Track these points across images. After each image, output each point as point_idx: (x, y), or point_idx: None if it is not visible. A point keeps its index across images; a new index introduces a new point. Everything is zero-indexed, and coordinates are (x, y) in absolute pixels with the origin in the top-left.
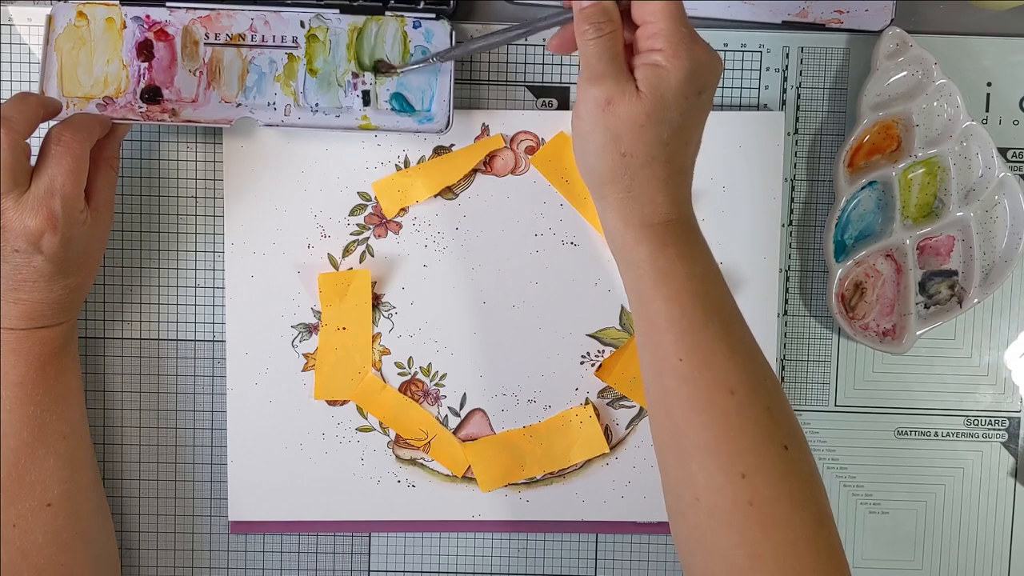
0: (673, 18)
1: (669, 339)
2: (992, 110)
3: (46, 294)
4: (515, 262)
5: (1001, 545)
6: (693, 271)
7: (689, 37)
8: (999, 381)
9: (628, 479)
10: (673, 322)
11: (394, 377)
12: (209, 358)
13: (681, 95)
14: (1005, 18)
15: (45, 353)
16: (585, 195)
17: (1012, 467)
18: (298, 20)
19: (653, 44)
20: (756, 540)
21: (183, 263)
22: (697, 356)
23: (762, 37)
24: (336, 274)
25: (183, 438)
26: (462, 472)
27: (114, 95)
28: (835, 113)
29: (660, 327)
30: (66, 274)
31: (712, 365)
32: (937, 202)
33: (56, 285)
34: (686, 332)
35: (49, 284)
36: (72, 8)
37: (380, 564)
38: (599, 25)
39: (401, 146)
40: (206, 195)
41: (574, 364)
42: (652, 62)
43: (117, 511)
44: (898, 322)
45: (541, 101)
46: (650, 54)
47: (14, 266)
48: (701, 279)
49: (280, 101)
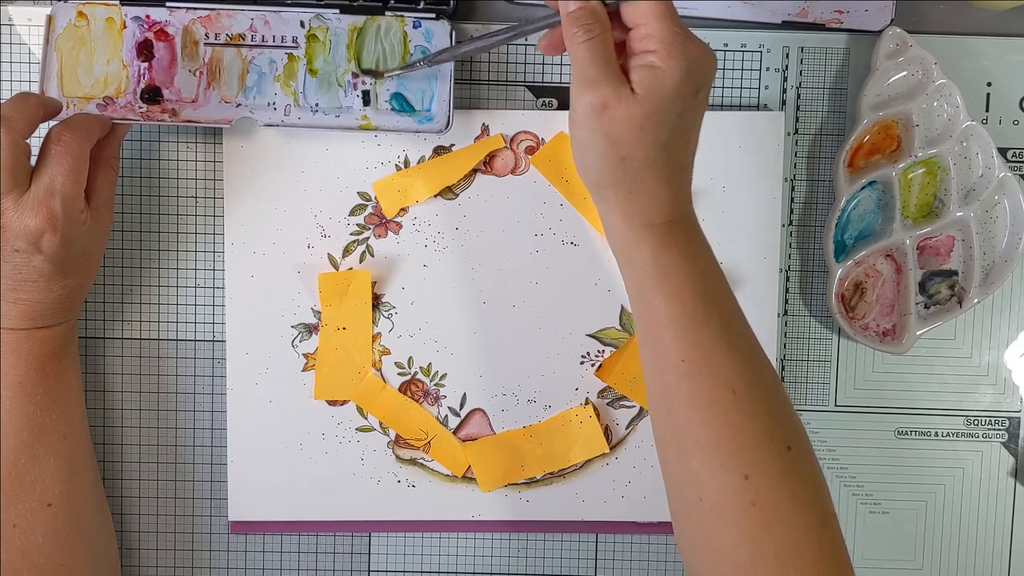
0: (666, 18)
1: (670, 336)
2: (992, 110)
3: (46, 294)
4: (515, 262)
5: (1001, 545)
6: (694, 269)
7: (683, 36)
8: (999, 381)
9: (628, 479)
10: (674, 319)
11: (394, 377)
12: (209, 358)
13: (678, 96)
14: (1005, 18)
15: (45, 353)
16: (585, 195)
17: (1012, 467)
18: (298, 20)
19: (647, 45)
20: (759, 539)
21: (183, 263)
22: (698, 354)
23: (762, 37)
24: (336, 274)
25: (183, 438)
26: (462, 472)
27: (114, 95)
28: (835, 113)
29: (661, 324)
30: (66, 274)
31: (712, 362)
32: (937, 202)
33: (56, 285)
34: (687, 329)
35: (49, 284)
36: (72, 8)
37: (380, 564)
38: (588, 27)
39: (401, 146)
40: (206, 195)
41: (574, 364)
42: (647, 63)
43: (117, 511)
44: (898, 322)
45: (541, 101)
46: (645, 55)
47: (14, 266)
48: (702, 277)
49: (280, 101)
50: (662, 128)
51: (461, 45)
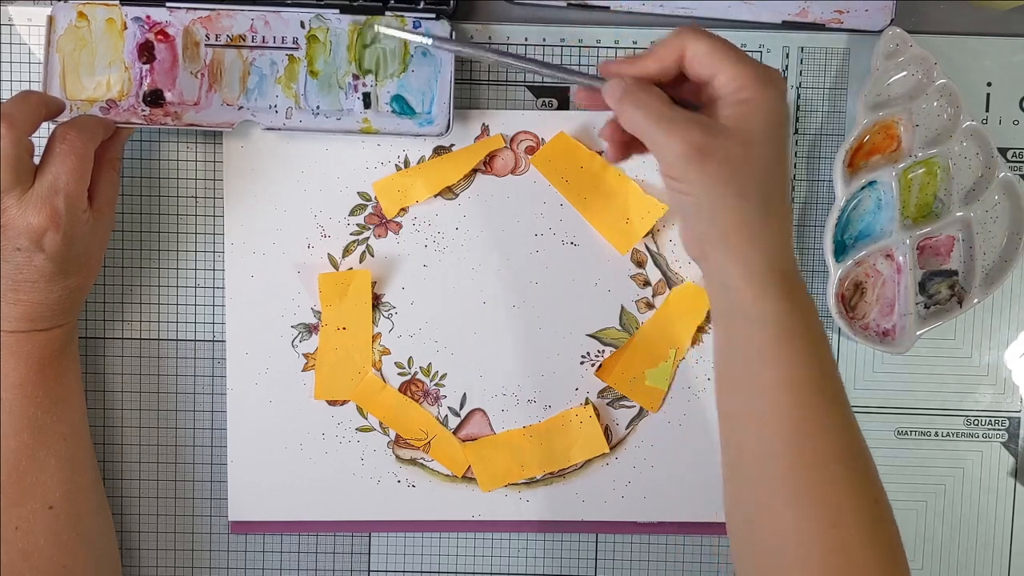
0: (737, 60)
1: (787, 403)
2: (992, 110)
3: (46, 295)
4: (515, 262)
5: (1001, 545)
6: (814, 327)
7: (760, 67)
8: (999, 381)
9: (628, 479)
10: (794, 385)
11: (394, 377)
12: (209, 358)
13: (778, 124)
14: (1005, 18)
15: (45, 355)
16: (585, 195)
17: (1012, 467)
18: (298, 20)
19: (731, 86)
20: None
21: (183, 263)
22: (814, 422)
23: (762, 37)
24: (336, 274)
25: (183, 438)
26: (462, 472)
27: (117, 98)
28: (835, 113)
29: (778, 388)
30: (67, 274)
31: (827, 428)
32: (937, 202)
33: (56, 286)
34: (805, 395)
35: (50, 284)
36: (72, 8)
37: (380, 564)
38: (638, 101)
39: (401, 146)
40: (206, 195)
41: (574, 364)
42: (740, 99)
43: (117, 511)
44: (898, 322)
45: (541, 101)
46: (736, 93)
47: (15, 265)
48: (820, 336)
49: (282, 103)
50: (771, 159)
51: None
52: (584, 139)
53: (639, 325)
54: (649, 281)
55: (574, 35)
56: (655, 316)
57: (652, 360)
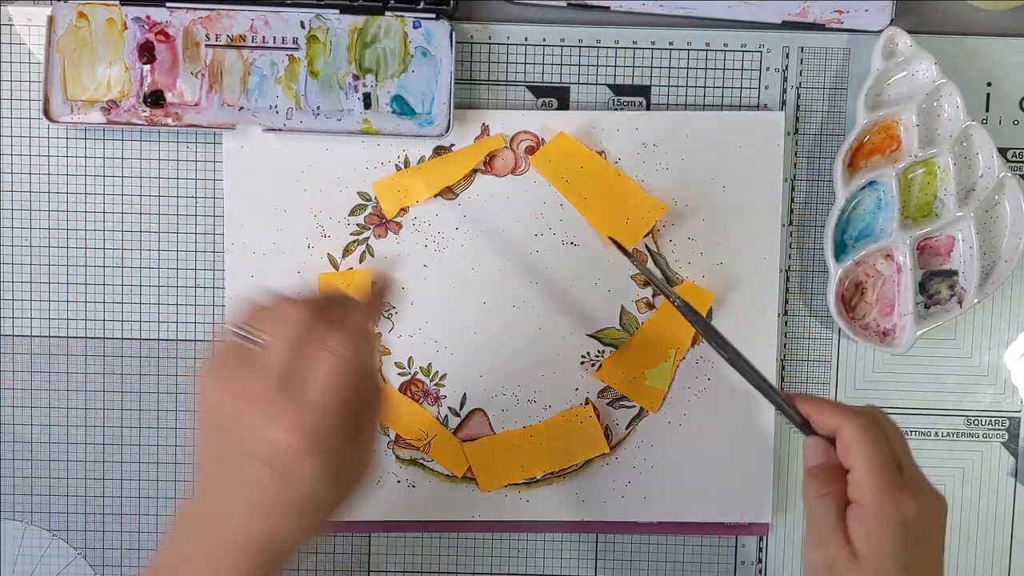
0: (875, 470)
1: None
2: (992, 110)
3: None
4: (515, 262)
5: (1001, 545)
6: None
7: (896, 488)
8: (999, 381)
9: (628, 479)
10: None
11: (394, 377)
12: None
13: (899, 551)
14: (1005, 18)
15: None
16: (585, 195)
17: (1012, 467)
18: (298, 20)
19: (857, 496)
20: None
21: (183, 263)
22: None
23: (762, 37)
24: (336, 274)
25: (183, 438)
26: (462, 472)
27: (117, 98)
28: (835, 113)
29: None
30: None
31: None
32: (937, 202)
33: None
34: None
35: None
36: (72, 9)
37: (380, 564)
38: (824, 482)
39: (401, 146)
40: (206, 195)
41: (574, 364)
42: (857, 516)
43: (117, 511)
44: (898, 322)
45: (541, 101)
46: (856, 507)
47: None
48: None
49: (282, 104)
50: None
51: (720, 340)
52: (584, 139)
53: (639, 325)
54: (649, 281)
55: (574, 35)
56: (655, 316)
57: (652, 360)
